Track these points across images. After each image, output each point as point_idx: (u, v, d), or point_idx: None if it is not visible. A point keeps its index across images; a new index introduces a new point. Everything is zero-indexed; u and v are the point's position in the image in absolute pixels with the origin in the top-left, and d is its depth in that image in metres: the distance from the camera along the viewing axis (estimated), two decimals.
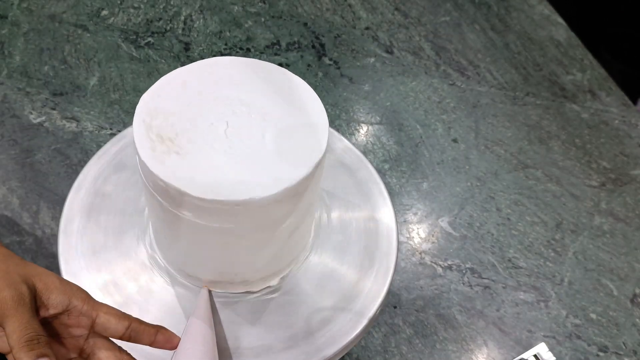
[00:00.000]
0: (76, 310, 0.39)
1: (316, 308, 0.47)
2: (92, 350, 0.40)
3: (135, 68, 0.79)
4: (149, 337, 0.40)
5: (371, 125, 0.77)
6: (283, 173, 0.39)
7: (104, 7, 0.85)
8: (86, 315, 0.39)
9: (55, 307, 0.38)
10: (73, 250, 0.48)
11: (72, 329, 0.39)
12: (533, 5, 0.94)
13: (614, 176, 0.75)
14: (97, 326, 0.39)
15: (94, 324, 0.39)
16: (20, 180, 0.67)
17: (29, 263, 0.39)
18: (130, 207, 0.51)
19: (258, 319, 0.46)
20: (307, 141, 0.41)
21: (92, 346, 0.40)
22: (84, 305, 0.39)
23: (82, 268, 0.48)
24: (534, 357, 0.60)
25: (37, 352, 0.34)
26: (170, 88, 0.43)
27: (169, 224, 0.42)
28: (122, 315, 0.40)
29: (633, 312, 0.64)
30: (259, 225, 0.41)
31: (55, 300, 0.38)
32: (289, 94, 0.43)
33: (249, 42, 0.84)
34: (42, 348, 0.34)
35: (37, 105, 0.74)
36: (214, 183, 0.38)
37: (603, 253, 0.68)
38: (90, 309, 0.39)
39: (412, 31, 0.88)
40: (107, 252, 0.49)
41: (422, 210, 0.70)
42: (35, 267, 0.39)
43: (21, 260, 0.39)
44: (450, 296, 0.64)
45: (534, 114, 0.81)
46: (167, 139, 0.40)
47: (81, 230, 0.49)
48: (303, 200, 0.42)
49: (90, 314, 0.39)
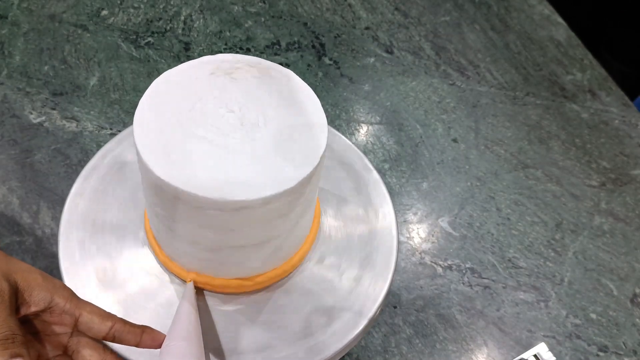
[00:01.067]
0: (58, 308, 0.38)
1: (316, 308, 0.47)
2: (76, 347, 0.39)
3: (135, 68, 0.79)
4: (135, 338, 0.40)
5: (371, 125, 0.77)
6: (282, 173, 0.39)
7: (104, 7, 0.85)
8: (69, 313, 0.38)
9: (37, 304, 0.37)
10: (73, 250, 0.48)
11: (55, 326, 0.39)
12: (533, 5, 0.94)
13: (614, 176, 0.75)
14: (80, 325, 0.39)
15: (77, 322, 0.39)
16: (20, 180, 0.67)
17: (12, 259, 0.38)
18: (130, 206, 0.51)
19: (257, 318, 0.46)
20: (306, 141, 0.41)
21: (76, 344, 0.39)
22: (66, 303, 0.38)
23: (82, 268, 0.48)
24: (534, 357, 0.60)
25: (11, 352, 0.33)
26: (170, 86, 0.43)
27: (168, 223, 0.42)
28: (105, 315, 0.39)
29: (633, 312, 0.64)
30: (258, 225, 0.41)
31: (37, 297, 0.37)
32: (289, 93, 0.43)
33: (249, 42, 0.84)
34: (16, 348, 0.34)
35: (37, 105, 0.74)
36: (213, 183, 0.38)
37: (603, 253, 0.68)
38: (73, 307, 0.38)
39: (412, 31, 0.88)
40: (107, 251, 0.49)
41: (422, 210, 0.70)
42: (18, 263, 0.38)
43: (4, 256, 0.38)
44: (450, 296, 0.64)
45: (534, 114, 0.81)
46: (167, 139, 0.40)
47: (81, 230, 0.49)
48: (302, 200, 0.42)
49: (73, 313, 0.38)
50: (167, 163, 0.38)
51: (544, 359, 0.59)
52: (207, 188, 0.37)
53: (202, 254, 0.44)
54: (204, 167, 0.38)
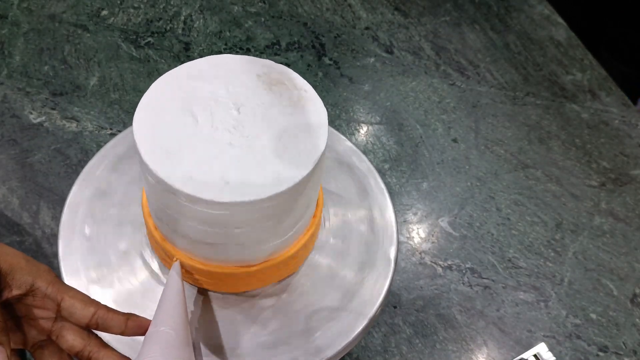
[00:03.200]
0: (40, 292, 0.38)
1: (316, 308, 0.47)
2: (59, 332, 0.39)
3: (135, 68, 0.79)
4: (119, 325, 0.39)
5: (371, 125, 0.77)
6: (282, 173, 0.39)
7: (104, 7, 0.85)
8: (51, 297, 0.38)
9: (19, 287, 0.37)
10: (73, 250, 0.48)
11: (39, 310, 0.39)
12: (533, 5, 0.94)
13: (614, 176, 0.75)
14: (63, 310, 0.38)
15: (60, 307, 0.38)
16: (20, 180, 0.67)
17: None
18: (130, 206, 0.51)
19: (257, 318, 0.46)
20: (306, 141, 0.41)
21: (59, 328, 0.39)
22: (48, 287, 0.38)
23: (82, 267, 0.48)
24: (533, 357, 0.60)
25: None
26: (170, 87, 0.43)
27: (168, 222, 0.42)
28: (88, 301, 0.39)
29: (633, 312, 0.64)
30: (258, 225, 0.41)
31: (19, 280, 0.37)
32: (289, 92, 0.43)
33: (249, 42, 0.84)
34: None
35: (37, 105, 0.74)
36: (213, 183, 0.38)
37: (603, 253, 0.68)
38: (55, 292, 0.38)
39: (412, 31, 0.88)
40: (107, 251, 0.49)
41: (422, 210, 0.70)
42: (2, 247, 0.38)
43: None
44: (450, 296, 0.64)
45: (534, 114, 0.81)
46: (167, 139, 0.40)
47: (81, 230, 0.49)
48: (302, 200, 0.42)
49: (56, 297, 0.38)
50: (168, 163, 0.38)
51: (544, 358, 0.59)
52: (207, 188, 0.37)
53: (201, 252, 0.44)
54: (204, 167, 0.38)
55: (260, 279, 0.47)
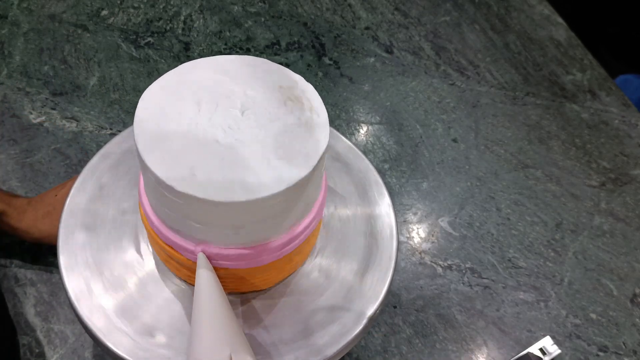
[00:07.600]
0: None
1: (316, 308, 0.47)
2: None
3: (135, 68, 0.79)
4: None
5: (371, 125, 0.77)
6: (283, 173, 0.39)
7: (104, 7, 0.85)
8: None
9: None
10: (73, 250, 0.48)
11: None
12: (533, 5, 0.94)
13: (614, 176, 0.75)
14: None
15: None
16: (20, 180, 0.67)
17: None
18: (130, 205, 0.51)
19: (257, 318, 0.46)
20: (307, 140, 0.41)
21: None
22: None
23: (82, 267, 0.48)
24: (539, 350, 0.60)
25: None
26: (170, 86, 0.43)
27: (168, 220, 0.42)
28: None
29: (633, 312, 0.64)
30: (258, 224, 0.41)
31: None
32: (290, 92, 0.43)
33: (249, 42, 0.84)
34: None
35: (37, 105, 0.74)
36: (213, 183, 0.38)
37: (603, 253, 0.68)
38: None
39: (412, 31, 0.88)
40: (107, 251, 0.49)
41: (422, 210, 0.70)
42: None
43: None
44: (450, 296, 0.64)
45: (534, 114, 0.81)
46: (167, 139, 0.40)
47: (81, 230, 0.49)
48: (302, 200, 0.42)
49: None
50: (168, 163, 0.38)
51: (549, 352, 0.59)
52: (207, 188, 0.37)
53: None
54: (204, 167, 0.38)
55: (261, 279, 0.47)
